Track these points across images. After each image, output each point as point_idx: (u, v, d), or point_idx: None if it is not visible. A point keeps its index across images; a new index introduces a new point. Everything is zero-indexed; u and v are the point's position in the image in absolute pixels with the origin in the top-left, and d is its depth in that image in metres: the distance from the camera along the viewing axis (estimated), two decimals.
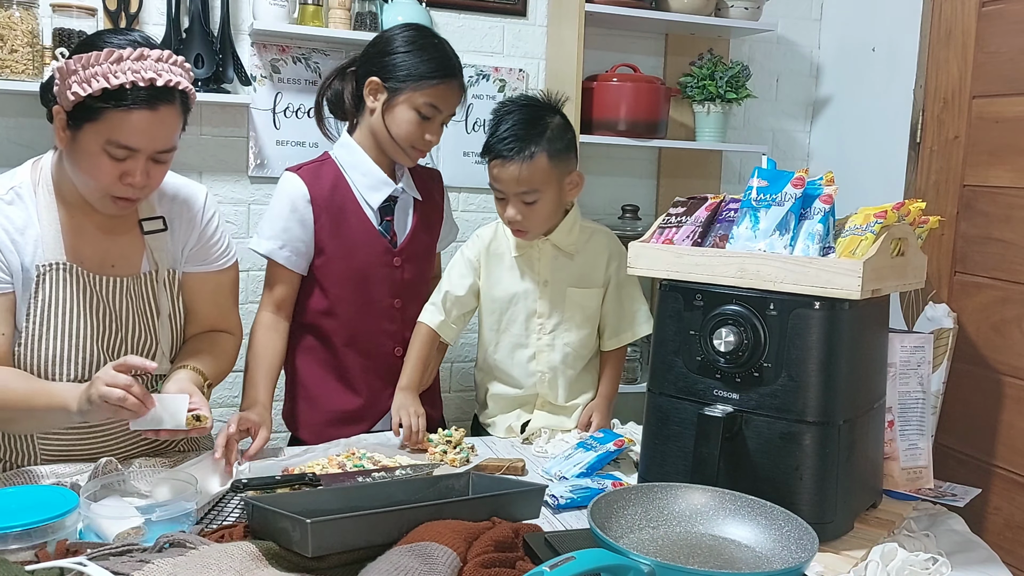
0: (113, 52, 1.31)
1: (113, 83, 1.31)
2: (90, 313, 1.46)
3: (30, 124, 2.32)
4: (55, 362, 1.45)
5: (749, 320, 1.33)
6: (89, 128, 1.34)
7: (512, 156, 1.73)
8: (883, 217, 1.34)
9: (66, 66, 1.33)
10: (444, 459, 1.63)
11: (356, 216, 1.81)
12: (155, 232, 1.53)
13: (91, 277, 1.45)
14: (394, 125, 1.76)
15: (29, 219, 1.42)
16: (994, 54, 2.12)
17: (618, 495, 1.22)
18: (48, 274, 1.42)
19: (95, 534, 1.17)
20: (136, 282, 1.51)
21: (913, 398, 1.51)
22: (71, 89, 1.32)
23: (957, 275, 2.19)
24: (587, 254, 1.88)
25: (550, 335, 1.87)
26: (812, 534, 1.11)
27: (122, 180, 1.38)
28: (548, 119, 1.78)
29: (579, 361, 1.91)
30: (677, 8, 2.62)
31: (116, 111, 1.33)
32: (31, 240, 1.42)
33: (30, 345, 1.43)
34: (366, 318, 1.85)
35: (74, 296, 1.44)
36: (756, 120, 3.03)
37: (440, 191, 1.99)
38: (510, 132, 1.75)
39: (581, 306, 1.88)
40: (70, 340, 1.45)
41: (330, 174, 1.82)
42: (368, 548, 1.08)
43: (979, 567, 1.31)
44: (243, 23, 2.45)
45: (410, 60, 1.74)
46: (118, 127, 1.34)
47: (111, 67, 1.31)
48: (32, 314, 1.43)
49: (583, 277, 1.88)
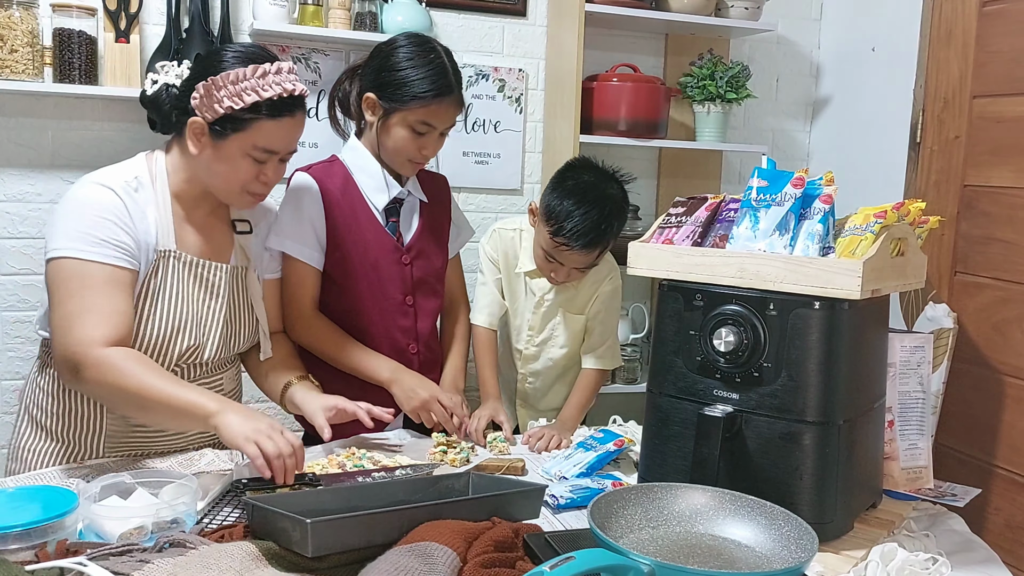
0: (258, 68, 1.45)
1: (264, 96, 1.46)
2: (196, 297, 1.56)
3: (30, 124, 2.32)
4: (161, 341, 1.52)
5: (749, 320, 1.33)
6: (235, 137, 1.48)
7: (590, 248, 1.85)
8: (883, 217, 1.34)
9: (212, 83, 1.45)
10: (444, 459, 1.63)
11: (365, 214, 1.84)
12: (244, 233, 1.67)
13: (198, 263, 1.56)
14: (390, 140, 1.79)
15: (148, 206, 1.52)
16: (994, 54, 2.12)
17: (618, 495, 1.22)
18: (163, 260, 1.52)
19: (95, 534, 1.17)
20: (232, 272, 1.62)
21: (913, 398, 1.51)
22: (222, 103, 1.45)
23: (957, 275, 2.19)
24: (585, 282, 2.02)
25: (537, 348, 2.06)
26: (812, 534, 1.11)
27: (258, 179, 1.55)
28: (619, 202, 1.89)
29: (561, 375, 2.09)
30: (677, 8, 2.62)
31: (266, 120, 1.48)
32: (152, 224, 1.52)
33: (139, 324, 1.50)
34: (383, 314, 1.86)
35: (184, 281, 1.55)
36: (756, 120, 3.03)
37: (447, 195, 2.02)
38: (591, 227, 1.82)
39: (570, 328, 2.04)
40: (177, 322, 1.53)
41: (339, 174, 1.84)
42: (368, 548, 1.08)
43: (979, 567, 1.31)
44: (243, 23, 2.45)
45: (405, 79, 1.74)
46: (265, 134, 1.49)
47: (258, 81, 1.46)
48: (144, 294, 1.51)
49: (578, 304, 2.04)
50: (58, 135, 2.35)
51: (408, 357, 1.89)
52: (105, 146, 2.37)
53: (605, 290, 2.04)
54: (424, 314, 1.91)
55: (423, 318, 1.91)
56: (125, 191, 1.49)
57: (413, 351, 1.90)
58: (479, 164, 2.74)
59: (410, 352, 1.90)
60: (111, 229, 1.45)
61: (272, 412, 2.10)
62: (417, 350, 1.91)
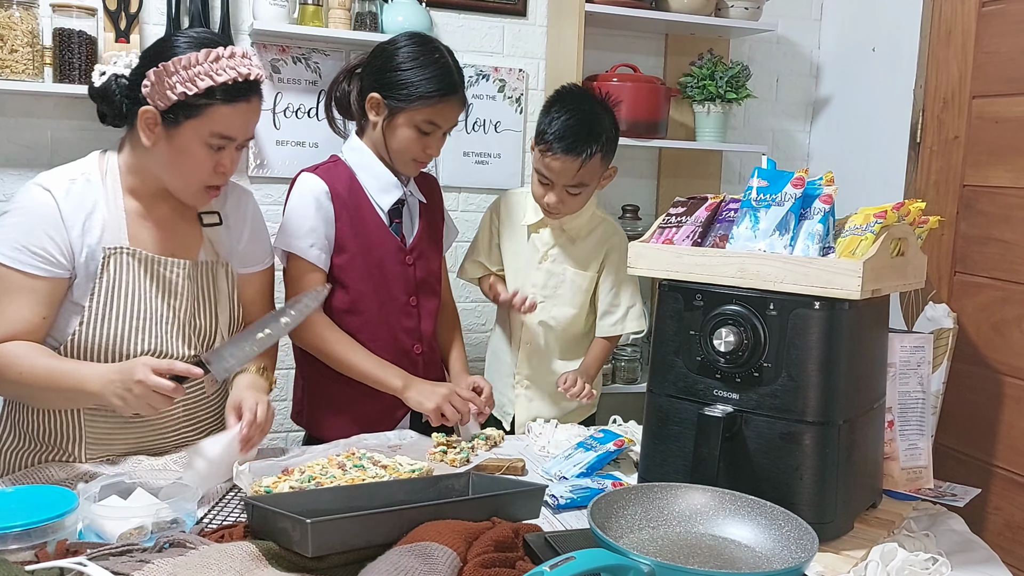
0: (211, 52, 1.41)
1: (218, 80, 1.41)
2: (153, 295, 1.52)
3: (30, 124, 2.32)
4: (118, 342, 1.49)
5: (749, 320, 1.33)
6: (190, 124, 1.44)
7: (571, 151, 1.84)
8: (883, 217, 1.34)
9: (164, 69, 1.41)
10: (444, 459, 1.63)
11: (371, 215, 1.83)
12: (213, 225, 1.61)
13: (154, 259, 1.52)
14: (394, 141, 1.79)
15: (96, 203, 1.49)
16: (994, 54, 2.12)
17: (618, 495, 1.22)
18: (113, 257, 1.48)
19: (95, 534, 1.17)
20: (195, 268, 1.57)
21: (913, 398, 1.51)
22: (174, 89, 1.41)
23: (957, 275, 2.19)
24: (589, 240, 2.05)
25: (541, 304, 2.03)
26: (812, 534, 1.11)
27: (216, 170, 1.50)
28: (604, 118, 1.91)
29: (565, 339, 2.07)
30: (677, 8, 2.62)
31: (221, 106, 1.44)
32: (98, 223, 1.48)
33: (93, 325, 1.47)
34: (387, 315, 1.86)
35: (137, 278, 1.50)
36: (756, 120, 3.03)
37: (439, 196, 2.02)
38: (571, 130, 1.85)
39: (574, 285, 2.04)
40: (134, 321, 1.50)
41: (344, 174, 1.83)
42: (368, 548, 1.08)
43: (979, 567, 1.31)
44: (243, 23, 2.45)
45: (410, 78, 1.74)
46: (221, 120, 1.45)
47: (212, 66, 1.41)
48: (96, 294, 1.47)
49: (581, 260, 2.04)
50: (58, 135, 2.35)
51: (412, 358, 1.89)
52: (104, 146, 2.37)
53: (613, 245, 2.05)
54: (427, 314, 1.92)
55: (426, 318, 1.91)
56: (66, 191, 1.46)
57: (417, 351, 1.90)
58: (479, 164, 2.74)
59: (414, 353, 1.90)
60: (36, 236, 1.43)
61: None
62: (421, 351, 1.90)
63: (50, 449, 1.54)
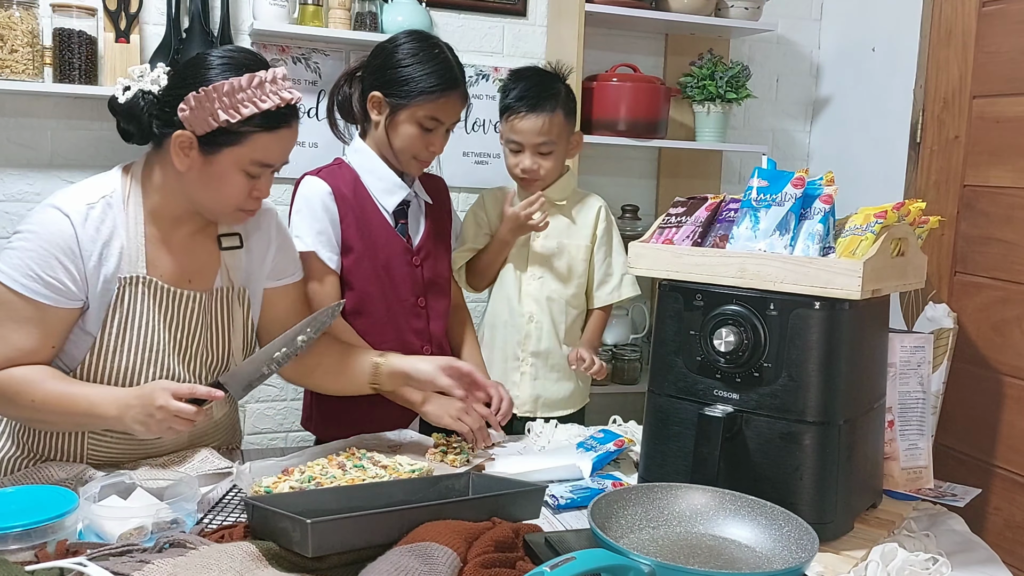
0: (254, 77, 1.36)
1: (262, 107, 1.37)
2: (166, 327, 1.47)
3: (30, 124, 2.32)
4: (129, 372, 1.46)
5: (749, 320, 1.33)
6: (229, 151, 1.39)
7: (534, 109, 1.98)
8: (883, 217, 1.34)
9: (205, 95, 1.35)
10: (444, 460, 1.63)
11: (375, 216, 1.83)
12: (232, 248, 1.56)
13: (169, 291, 1.47)
14: (397, 139, 1.78)
15: (116, 230, 1.43)
16: (994, 54, 2.12)
17: (618, 495, 1.22)
18: (129, 287, 1.43)
19: (95, 534, 1.17)
20: (210, 298, 1.53)
21: (913, 398, 1.51)
22: (216, 117, 1.35)
23: (957, 275, 2.19)
24: (578, 213, 2.13)
25: (539, 280, 2.10)
26: (812, 534, 1.11)
27: (251, 195, 1.46)
28: (558, 82, 2.06)
29: (564, 312, 2.11)
30: (677, 8, 2.62)
31: (263, 133, 1.39)
32: (115, 251, 1.43)
33: (106, 355, 1.44)
34: (395, 316, 1.86)
35: (152, 310, 1.46)
36: (756, 120, 3.03)
37: (447, 197, 2.02)
38: (531, 91, 2.00)
39: (569, 257, 2.11)
40: (146, 352, 1.46)
41: (348, 177, 1.83)
42: (368, 548, 1.08)
43: (979, 567, 1.30)
44: (243, 23, 2.45)
45: (411, 75, 1.74)
46: (261, 148, 1.40)
47: (255, 92, 1.37)
48: (109, 325, 1.43)
49: (573, 232, 2.12)
50: (58, 135, 2.35)
51: None
52: (104, 146, 2.38)
53: (600, 215, 2.13)
54: (436, 315, 1.91)
55: (435, 319, 1.90)
56: (84, 217, 1.40)
57: (427, 353, 1.88)
58: (479, 164, 2.74)
59: (424, 354, 1.87)
60: (51, 266, 1.38)
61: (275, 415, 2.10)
62: (431, 352, 1.88)
63: (47, 459, 1.51)
